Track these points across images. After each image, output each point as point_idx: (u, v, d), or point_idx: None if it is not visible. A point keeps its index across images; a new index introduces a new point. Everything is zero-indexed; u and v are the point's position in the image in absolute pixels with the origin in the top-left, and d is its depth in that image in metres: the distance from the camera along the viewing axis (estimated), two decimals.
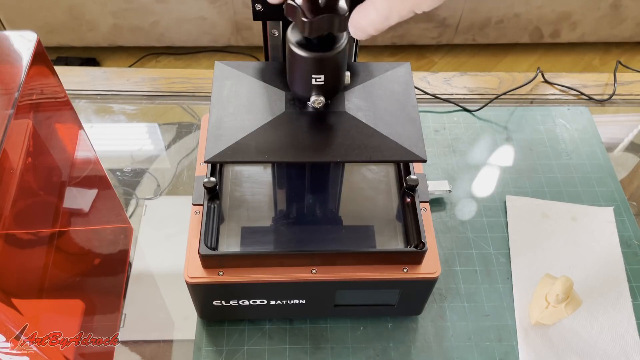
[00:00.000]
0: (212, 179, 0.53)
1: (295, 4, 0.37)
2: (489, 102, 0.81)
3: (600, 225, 0.68)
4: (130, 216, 0.68)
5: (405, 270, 0.51)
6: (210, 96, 0.46)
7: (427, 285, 0.53)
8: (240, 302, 0.54)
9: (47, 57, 0.44)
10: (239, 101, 0.45)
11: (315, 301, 0.55)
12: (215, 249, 0.51)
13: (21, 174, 0.39)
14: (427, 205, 0.55)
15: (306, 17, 0.36)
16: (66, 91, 0.49)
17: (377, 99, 0.46)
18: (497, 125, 0.80)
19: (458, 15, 1.77)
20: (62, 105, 0.49)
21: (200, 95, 0.82)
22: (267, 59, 0.50)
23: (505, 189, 0.72)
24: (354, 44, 0.49)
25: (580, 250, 0.65)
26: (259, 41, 0.49)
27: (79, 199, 0.52)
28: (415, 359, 0.57)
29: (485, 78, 0.86)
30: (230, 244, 0.53)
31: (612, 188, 0.72)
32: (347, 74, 0.44)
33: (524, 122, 0.80)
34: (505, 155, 0.76)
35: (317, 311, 0.58)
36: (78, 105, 0.80)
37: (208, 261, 0.50)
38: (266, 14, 0.44)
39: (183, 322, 0.59)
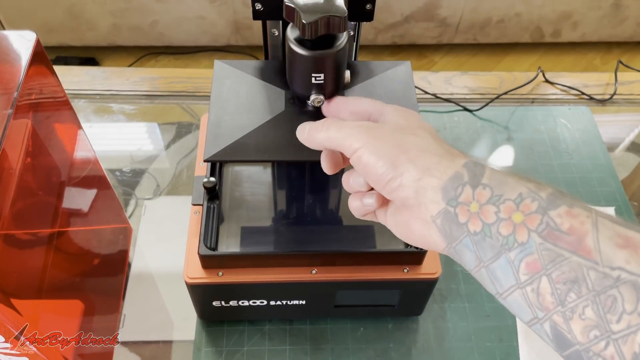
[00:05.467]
0: (212, 179, 0.53)
1: (293, 6, 0.37)
2: (490, 102, 0.81)
3: None
4: (130, 216, 0.68)
5: (405, 270, 0.51)
6: (209, 96, 0.46)
7: (427, 286, 0.53)
8: (240, 303, 0.54)
9: (46, 57, 0.44)
10: (238, 100, 0.45)
11: (316, 302, 0.55)
12: (214, 249, 0.51)
13: (20, 174, 0.39)
14: None
15: (305, 20, 0.36)
16: (65, 91, 0.49)
17: (377, 98, 0.46)
18: (498, 125, 0.79)
19: (459, 14, 1.77)
20: (62, 105, 0.49)
21: (199, 95, 0.82)
22: (267, 58, 0.49)
23: None
24: (354, 43, 0.49)
25: None
26: (259, 41, 0.48)
27: (78, 199, 0.52)
28: (416, 359, 0.57)
29: (486, 78, 0.86)
30: (230, 244, 0.52)
31: (613, 188, 0.72)
32: (347, 72, 0.43)
33: (525, 122, 0.80)
34: (506, 155, 0.76)
35: (317, 312, 0.57)
36: (77, 105, 0.79)
37: (207, 261, 0.50)
38: (266, 14, 0.44)
39: (182, 322, 0.59)
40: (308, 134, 0.37)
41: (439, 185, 0.31)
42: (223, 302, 0.53)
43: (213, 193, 0.53)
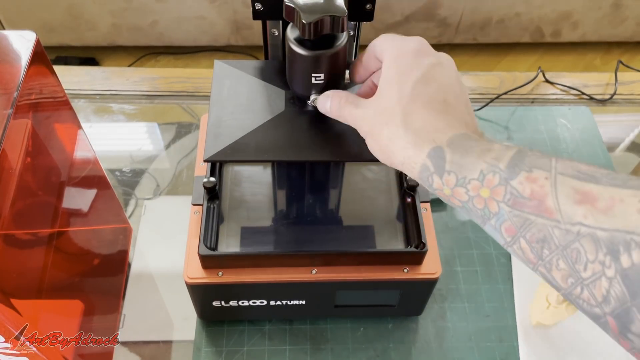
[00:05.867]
0: (212, 179, 0.53)
1: (293, 6, 0.37)
2: (490, 102, 0.81)
3: None
4: (130, 216, 0.68)
5: (405, 270, 0.51)
6: (209, 96, 0.46)
7: (427, 286, 0.53)
8: (240, 303, 0.54)
9: (46, 57, 0.44)
10: (238, 100, 0.45)
11: (316, 302, 0.54)
12: (214, 249, 0.51)
13: (20, 174, 0.39)
14: (427, 205, 0.54)
15: (305, 20, 0.36)
16: (65, 91, 0.49)
17: None
18: (498, 125, 0.79)
19: (459, 14, 1.77)
20: (61, 105, 0.49)
21: (199, 95, 0.82)
22: (267, 58, 0.49)
23: None
24: (354, 43, 0.49)
25: None
26: (259, 40, 0.49)
27: (78, 199, 0.52)
28: (416, 359, 0.57)
29: (486, 77, 0.86)
30: (229, 244, 0.52)
31: None
32: (347, 72, 0.43)
33: (525, 122, 0.80)
34: None
35: (317, 312, 0.57)
36: (77, 105, 0.79)
37: (207, 261, 0.50)
38: (266, 14, 0.44)
39: (182, 322, 0.59)
40: (331, 108, 0.41)
41: (416, 176, 0.35)
42: (223, 302, 0.53)
43: (213, 193, 0.53)
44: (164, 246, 0.65)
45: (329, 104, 0.40)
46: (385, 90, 0.36)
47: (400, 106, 0.35)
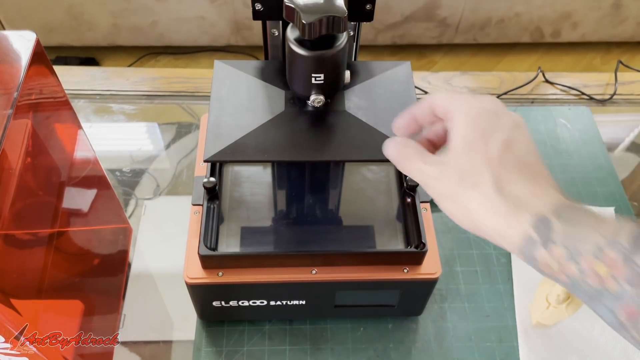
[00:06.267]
0: (212, 179, 0.53)
1: (293, 6, 0.37)
2: None
3: None
4: (130, 216, 0.68)
5: (405, 270, 0.51)
6: (209, 96, 0.46)
7: (427, 286, 0.53)
8: (240, 303, 0.54)
9: (46, 57, 0.44)
10: (238, 100, 0.45)
11: (316, 302, 0.54)
12: (214, 249, 0.51)
13: (20, 174, 0.39)
14: (427, 205, 0.54)
15: (305, 20, 0.36)
16: (65, 91, 0.49)
17: (377, 98, 0.46)
18: None
19: (459, 14, 1.77)
20: (61, 105, 0.49)
21: (199, 95, 0.82)
22: (267, 58, 0.49)
23: None
24: (354, 43, 0.49)
25: None
26: (259, 41, 0.49)
27: (78, 199, 0.52)
28: (416, 359, 0.57)
29: (486, 78, 0.86)
30: (230, 244, 0.52)
31: (613, 188, 0.72)
32: (347, 72, 0.43)
33: (525, 122, 0.80)
34: None
35: (317, 312, 0.57)
36: (77, 105, 0.79)
37: (208, 261, 0.50)
38: (266, 14, 0.44)
39: (182, 322, 0.59)
40: (396, 158, 0.37)
41: (513, 248, 0.32)
42: (223, 302, 0.53)
43: (213, 193, 0.53)
44: (164, 246, 0.65)
45: (391, 152, 0.37)
46: (465, 149, 0.33)
47: (488, 169, 0.32)
